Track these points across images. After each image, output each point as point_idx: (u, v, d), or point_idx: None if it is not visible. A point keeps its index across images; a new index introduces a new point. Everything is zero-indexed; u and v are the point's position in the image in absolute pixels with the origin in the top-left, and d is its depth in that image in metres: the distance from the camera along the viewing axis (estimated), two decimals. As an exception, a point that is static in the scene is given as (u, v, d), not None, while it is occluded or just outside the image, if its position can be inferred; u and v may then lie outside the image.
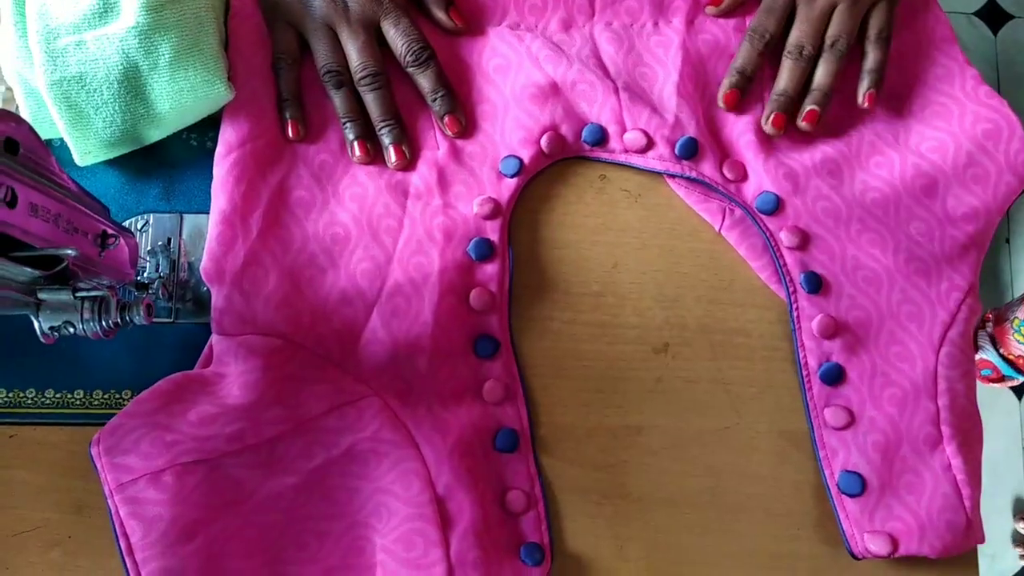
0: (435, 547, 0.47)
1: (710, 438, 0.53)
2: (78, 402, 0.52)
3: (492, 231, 0.53)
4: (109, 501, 0.46)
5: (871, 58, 0.56)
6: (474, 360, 0.52)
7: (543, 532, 0.51)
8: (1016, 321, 1.14)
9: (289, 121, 0.54)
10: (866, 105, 0.55)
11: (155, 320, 0.53)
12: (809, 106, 0.55)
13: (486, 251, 0.53)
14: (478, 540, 0.48)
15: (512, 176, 0.54)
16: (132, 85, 0.50)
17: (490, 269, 0.53)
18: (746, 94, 0.56)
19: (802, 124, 0.55)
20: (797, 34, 0.55)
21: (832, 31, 0.55)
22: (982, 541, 0.50)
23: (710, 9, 0.57)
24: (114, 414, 0.47)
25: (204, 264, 0.50)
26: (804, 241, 0.54)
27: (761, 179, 0.55)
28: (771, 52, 0.56)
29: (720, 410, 0.53)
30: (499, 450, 0.51)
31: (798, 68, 0.55)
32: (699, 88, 0.56)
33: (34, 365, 0.52)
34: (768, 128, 0.55)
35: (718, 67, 0.57)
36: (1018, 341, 1.14)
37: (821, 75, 0.55)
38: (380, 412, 0.49)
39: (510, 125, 0.55)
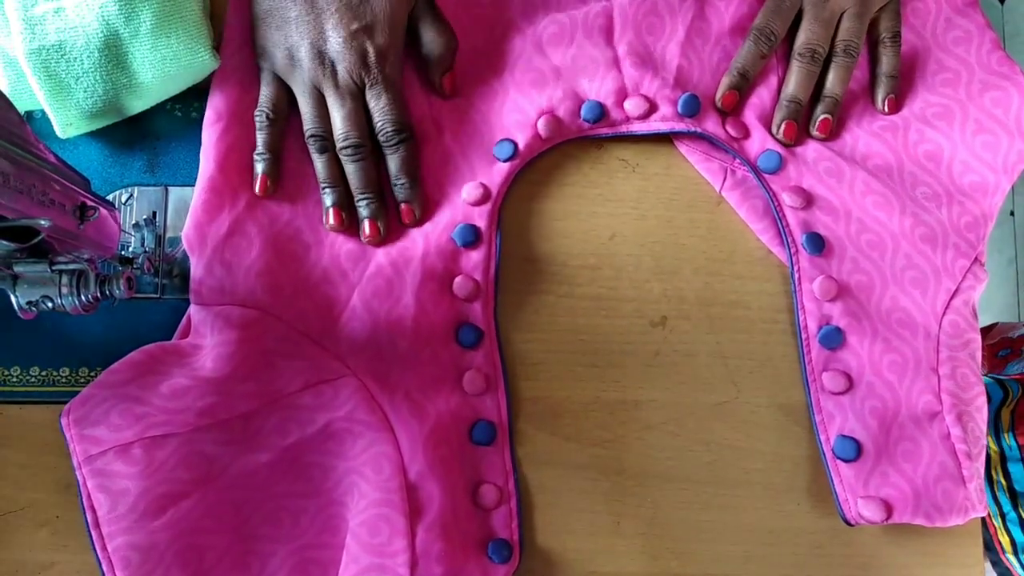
0: (400, 536, 0.45)
1: (708, 412, 0.52)
2: (64, 380, 0.51)
3: (479, 217, 0.52)
4: (77, 473, 0.45)
5: (886, 62, 0.55)
6: (456, 348, 0.51)
7: (513, 529, 0.49)
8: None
9: (260, 176, 0.50)
10: (887, 111, 0.55)
11: (141, 296, 0.52)
12: (822, 115, 0.54)
13: (471, 237, 0.51)
14: (444, 532, 0.46)
15: (505, 160, 0.53)
16: (113, 53, 0.48)
17: (475, 256, 0.52)
18: (744, 95, 0.55)
19: (815, 134, 0.54)
20: (808, 36, 0.54)
21: (843, 35, 0.54)
22: (983, 512, 0.49)
23: None
24: (101, 392, 0.46)
25: (186, 231, 0.49)
26: (807, 201, 0.53)
27: (764, 137, 0.53)
28: (773, 54, 0.55)
29: (719, 384, 0.52)
30: (475, 442, 0.50)
31: (809, 72, 0.54)
32: (706, 43, 0.55)
33: (19, 343, 0.52)
34: (780, 138, 0.54)
35: (727, 19, 0.56)
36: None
37: (833, 82, 0.54)
38: (356, 392, 0.48)
39: (507, 108, 0.54)
